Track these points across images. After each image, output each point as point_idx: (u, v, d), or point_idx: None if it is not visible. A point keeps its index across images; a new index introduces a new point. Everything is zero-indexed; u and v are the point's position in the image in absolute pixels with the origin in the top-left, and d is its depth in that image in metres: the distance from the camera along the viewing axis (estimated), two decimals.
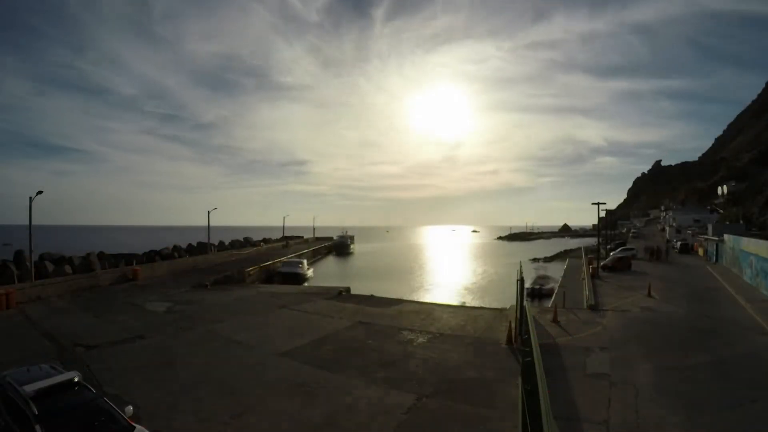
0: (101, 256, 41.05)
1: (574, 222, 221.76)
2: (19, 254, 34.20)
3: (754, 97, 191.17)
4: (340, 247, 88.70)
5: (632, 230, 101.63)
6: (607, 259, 38.91)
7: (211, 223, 48.70)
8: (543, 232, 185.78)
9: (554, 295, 28.44)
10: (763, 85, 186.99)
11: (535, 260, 70.15)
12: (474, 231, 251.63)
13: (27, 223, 24.90)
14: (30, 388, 7.12)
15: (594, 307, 20.95)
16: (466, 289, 44.25)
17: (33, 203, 24.57)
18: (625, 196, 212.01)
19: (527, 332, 9.09)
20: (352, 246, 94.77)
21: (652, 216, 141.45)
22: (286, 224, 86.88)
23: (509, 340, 15.11)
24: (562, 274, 38.46)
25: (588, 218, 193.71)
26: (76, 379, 7.72)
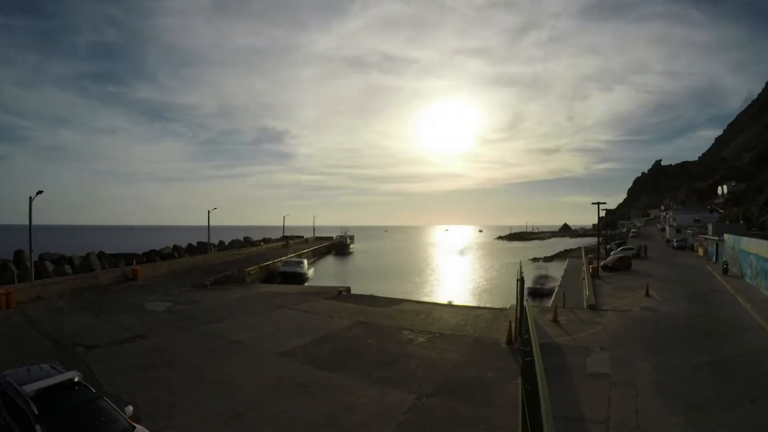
0: (101, 256, 41.05)
1: (575, 221, 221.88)
2: (19, 254, 34.18)
3: (755, 96, 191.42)
4: (339, 246, 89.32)
5: (632, 230, 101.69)
6: (608, 259, 39.06)
7: (211, 223, 48.73)
8: (543, 232, 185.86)
9: (554, 294, 28.47)
10: (763, 85, 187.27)
11: (535, 260, 70.18)
12: (480, 231, 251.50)
13: (19, 222, 24.89)
14: (30, 387, 7.12)
15: (594, 307, 20.96)
16: (466, 288, 44.27)
17: (27, 203, 24.56)
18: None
19: (527, 332, 9.09)
20: (351, 246, 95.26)
21: (652, 216, 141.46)
22: (286, 224, 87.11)
23: (509, 340, 15.12)
24: (562, 273, 38.53)
25: (588, 218, 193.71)
26: (76, 379, 7.71)
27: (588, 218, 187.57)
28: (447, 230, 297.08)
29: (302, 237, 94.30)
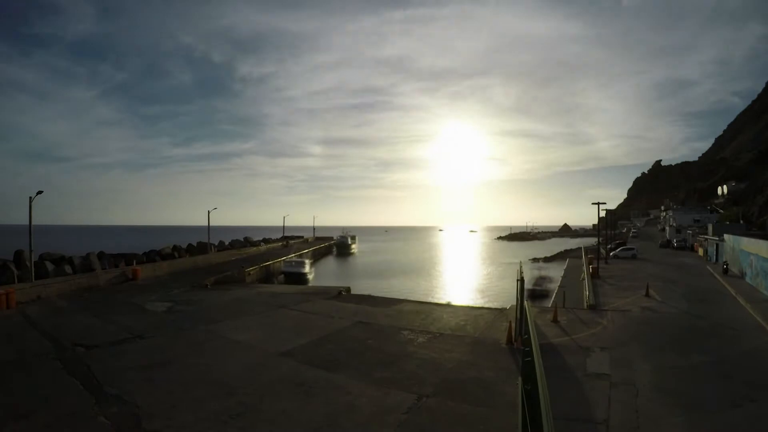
0: (101, 255, 40.99)
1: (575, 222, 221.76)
2: (19, 254, 34.15)
3: (754, 97, 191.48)
4: (341, 246, 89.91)
5: (632, 230, 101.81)
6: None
7: (211, 223, 48.78)
8: (543, 232, 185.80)
9: (554, 295, 28.47)
10: (763, 86, 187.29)
11: (535, 260, 70.21)
12: (472, 231, 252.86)
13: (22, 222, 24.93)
14: None
15: (594, 307, 20.96)
16: (466, 288, 44.26)
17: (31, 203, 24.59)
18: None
19: (527, 332, 9.09)
20: (353, 246, 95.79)
21: (652, 216, 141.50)
22: (286, 224, 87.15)
23: (509, 340, 15.11)
24: (562, 274, 38.52)
25: (589, 218, 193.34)
26: None
27: (589, 218, 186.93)
28: (441, 230, 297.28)
29: (303, 237, 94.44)
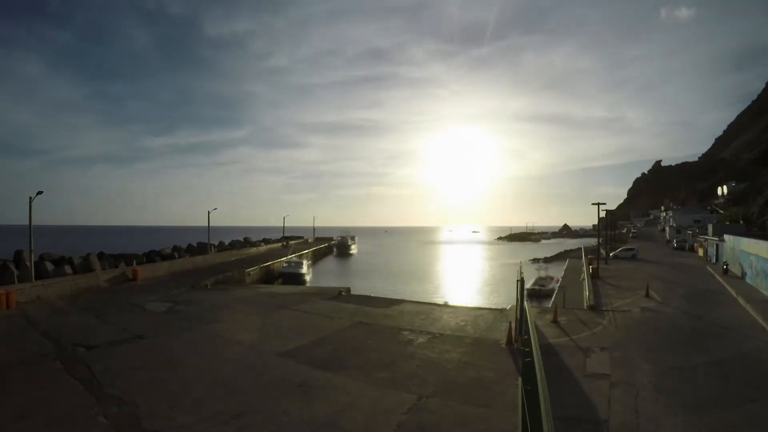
0: (101, 256, 40.98)
1: (575, 222, 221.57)
2: (18, 254, 34.13)
3: (754, 97, 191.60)
4: (340, 247, 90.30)
5: (632, 231, 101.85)
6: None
7: (211, 223, 48.79)
8: (543, 233, 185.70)
9: (554, 295, 28.47)
10: (763, 86, 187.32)
11: (535, 260, 70.24)
12: (474, 231, 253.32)
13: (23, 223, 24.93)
14: None
15: (594, 308, 20.95)
16: (466, 289, 44.27)
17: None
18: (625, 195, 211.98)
19: (527, 332, 9.10)
20: (352, 246, 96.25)
21: (652, 216, 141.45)
22: (286, 224, 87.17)
23: (509, 341, 15.11)
24: (562, 274, 38.52)
25: (591, 218, 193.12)
26: None
27: (589, 219, 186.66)
28: (450, 231, 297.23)
29: (303, 238, 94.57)
